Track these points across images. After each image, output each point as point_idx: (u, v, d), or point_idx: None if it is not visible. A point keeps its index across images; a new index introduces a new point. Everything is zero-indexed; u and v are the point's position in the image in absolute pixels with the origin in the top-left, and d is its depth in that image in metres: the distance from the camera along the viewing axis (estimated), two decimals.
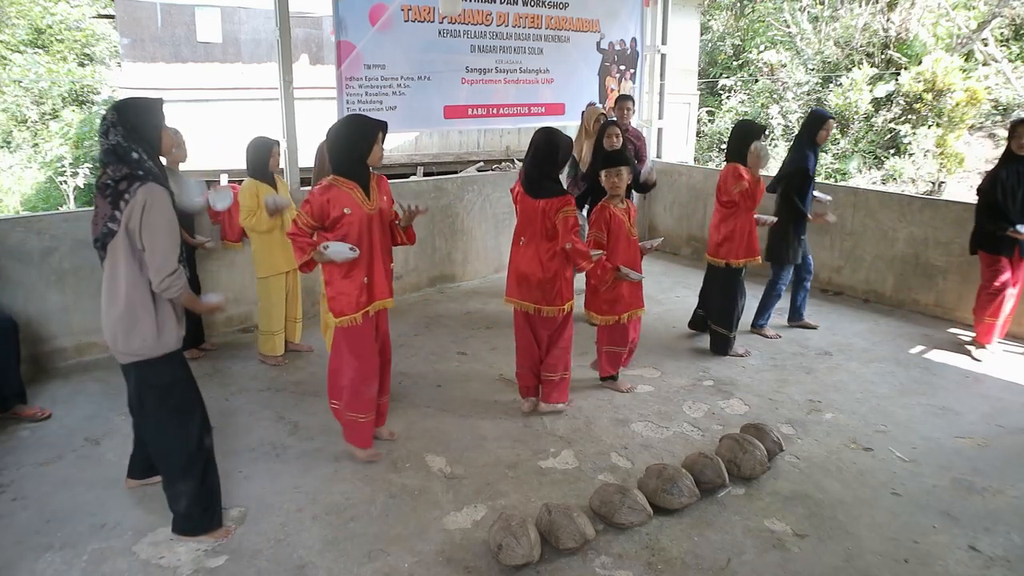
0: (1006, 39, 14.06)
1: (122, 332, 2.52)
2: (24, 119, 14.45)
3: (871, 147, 13.49)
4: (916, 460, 3.41)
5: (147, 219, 2.44)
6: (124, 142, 2.46)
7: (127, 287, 2.49)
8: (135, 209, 2.42)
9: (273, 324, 4.38)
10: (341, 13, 5.10)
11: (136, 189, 2.43)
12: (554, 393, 3.79)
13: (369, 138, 3.06)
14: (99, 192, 2.50)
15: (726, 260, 4.51)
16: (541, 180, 3.51)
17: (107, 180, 2.47)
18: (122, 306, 2.50)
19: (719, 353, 4.65)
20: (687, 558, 2.69)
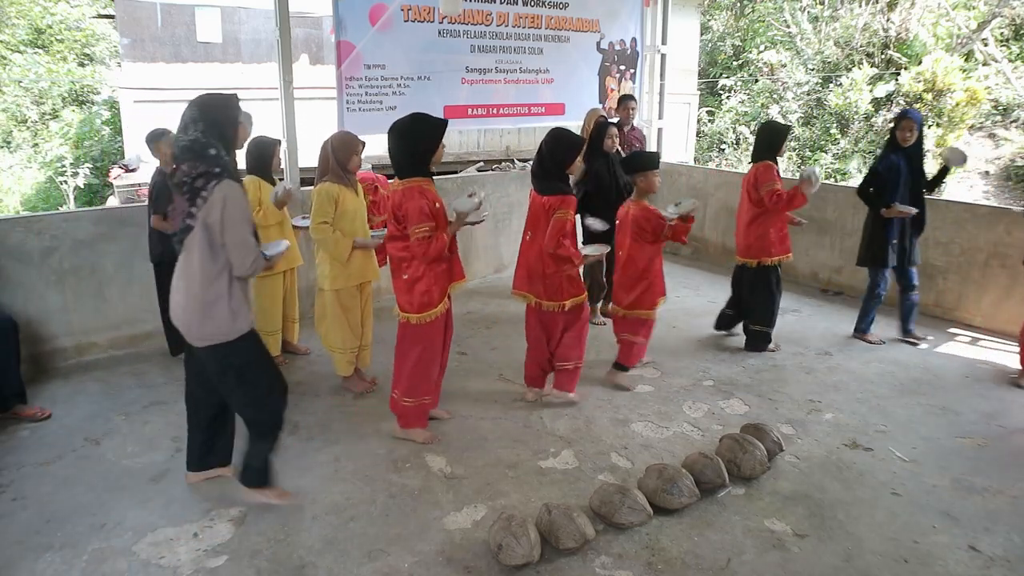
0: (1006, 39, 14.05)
1: (197, 319, 2.64)
2: (24, 119, 14.45)
3: (871, 147, 13.48)
4: (916, 460, 3.40)
5: (226, 216, 2.52)
6: (203, 137, 2.51)
7: (203, 278, 2.58)
8: (214, 207, 2.50)
9: (269, 324, 4.37)
10: (341, 13, 5.10)
11: (213, 187, 2.50)
12: (565, 382, 3.88)
13: (439, 136, 3.21)
14: (175, 189, 2.57)
15: (758, 259, 4.53)
16: (547, 178, 3.62)
17: (183, 177, 2.52)
18: (199, 296, 2.60)
19: (755, 350, 4.70)
20: (687, 558, 2.69)
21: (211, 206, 2.50)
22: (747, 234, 4.55)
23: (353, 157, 3.74)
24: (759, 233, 4.49)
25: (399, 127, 3.19)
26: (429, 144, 3.19)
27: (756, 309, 4.66)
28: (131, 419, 3.77)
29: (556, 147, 3.58)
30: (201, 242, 2.55)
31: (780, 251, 4.53)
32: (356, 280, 3.88)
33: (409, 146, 3.18)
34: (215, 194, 2.49)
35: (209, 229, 2.53)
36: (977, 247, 5.14)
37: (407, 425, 3.52)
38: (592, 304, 5.28)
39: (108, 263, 4.53)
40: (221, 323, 2.64)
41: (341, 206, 3.69)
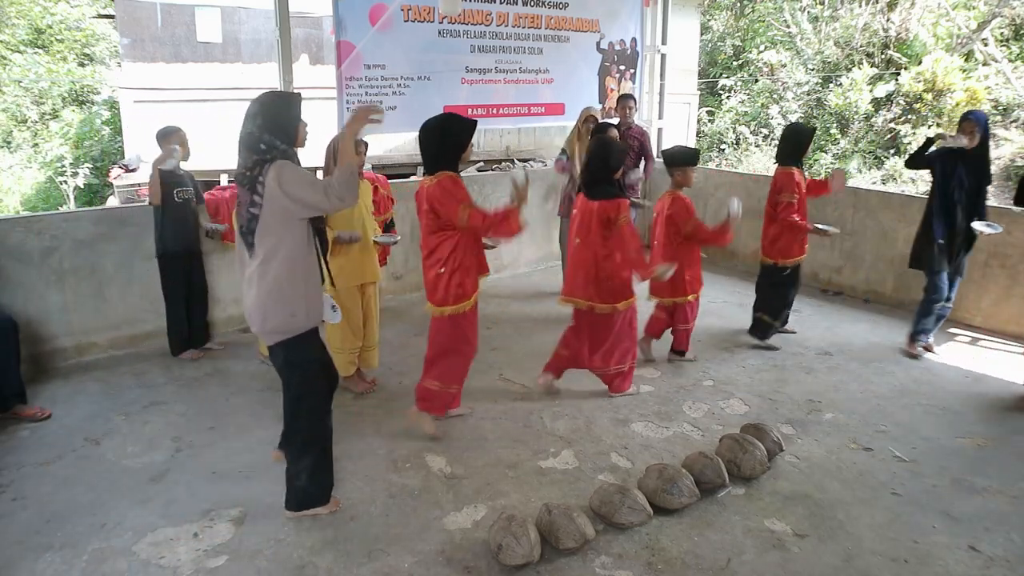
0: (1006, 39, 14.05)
1: (272, 311, 2.64)
2: (24, 119, 14.45)
3: (871, 147, 13.48)
4: (916, 460, 3.40)
5: (283, 179, 2.52)
6: (257, 132, 2.57)
7: (277, 268, 2.60)
8: (271, 185, 2.52)
9: None
10: (341, 13, 5.10)
11: (267, 170, 2.54)
12: (621, 383, 4.02)
13: (469, 134, 3.31)
14: (238, 184, 2.63)
15: (774, 260, 4.66)
16: (597, 183, 3.75)
17: (242, 170, 2.60)
18: (272, 286, 2.61)
19: (757, 336, 4.82)
20: (687, 558, 2.69)
21: (270, 189, 2.53)
22: (765, 235, 4.69)
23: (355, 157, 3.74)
24: (774, 236, 4.62)
25: (431, 125, 3.29)
26: (458, 141, 3.28)
27: (767, 300, 4.81)
28: (131, 419, 3.77)
29: (605, 154, 3.72)
30: (275, 228, 2.57)
31: (797, 253, 4.64)
32: (355, 280, 3.87)
33: (439, 143, 3.27)
34: (269, 176, 2.53)
35: (278, 210, 2.55)
36: (977, 247, 5.12)
37: (426, 408, 3.57)
38: None
39: (108, 263, 4.53)
40: (295, 313, 2.66)
41: None
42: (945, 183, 4.35)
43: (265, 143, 2.56)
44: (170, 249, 4.33)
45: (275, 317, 2.64)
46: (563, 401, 3.97)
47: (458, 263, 3.33)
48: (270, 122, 2.57)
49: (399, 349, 4.76)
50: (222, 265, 4.94)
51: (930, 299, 4.50)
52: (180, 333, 4.53)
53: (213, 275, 4.83)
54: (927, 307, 4.54)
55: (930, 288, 4.50)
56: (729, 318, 5.32)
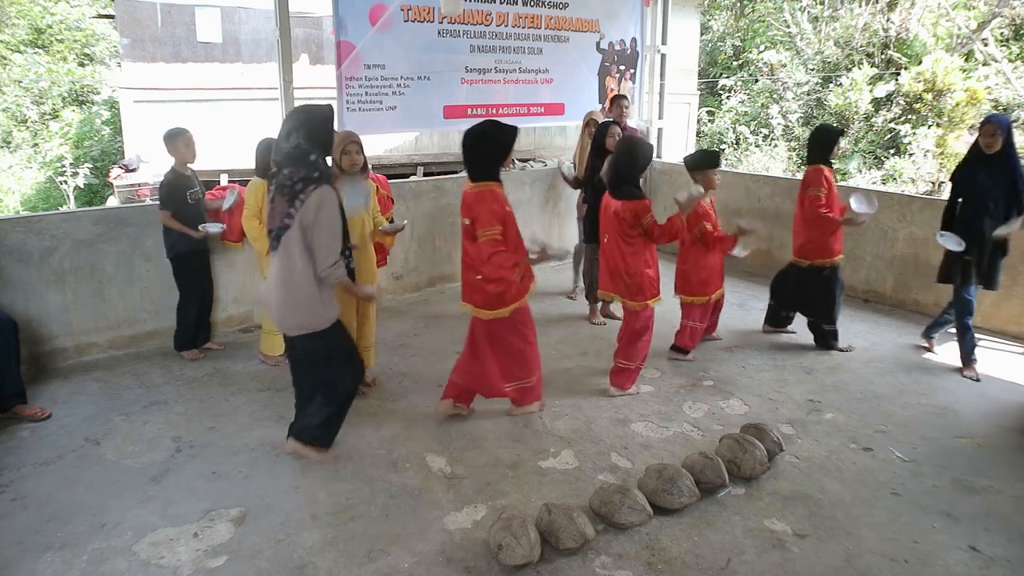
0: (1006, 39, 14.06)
1: (292, 309, 2.93)
2: (24, 119, 14.45)
3: (871, 147, 13.49)
4: (916, 460, 3.40)
5: (318, 219, 2.78)
6: (304, 144, 2.76)
7: (299, 273, 2.86)
8: (310, 209, 2.76)
9: (270, 323, 4.37)
10: (341, 13, 5.10)
11: (311, 191, 2.76)
12: (624, 380, 4.06)
13: (512, 141, 3.40)
14: (278, 190, 2.82)
15: (810, 260, 4.57)
16: (621, 184, 3.81)
17: (285, 180, 2.80)
18: (294, 288, 2.88)
19: (825, 348, 4.73)
20: (687, 558, 2.69)
21: (307, 208, 2.75)
22: (798, 235, 4.62)
23: (343, 157, 3.73)
24: (809, 235, 4.54)
25: (476, 132, 3.36)
26: (501, 148, 3.38)
27: (819, 309, 4.69)
28: (131, 419, 3.77)
29: (633, 153, 3.79)
30: (298, 240, 2.81)
31: (828, 254, 4.54)
32: None
33: (484, 151, 3.37)
34: (312, 198, 2.75)
35: (304, 229, 2.79)
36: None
37: (524, 403, 3.74)
38: (591, 304, 5.29)
39: (108, 263, 4.53)
40: (313, 313, 2.94)
41: None
42: (968, 193, 4.13)
43: (313, 156, 2.77)
44: (183, 249, 4.34)
45: (296, 315, 2.93)
46: (563, 401, 3.97)
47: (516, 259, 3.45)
48: (310, 135, 2.77)
49: (399, 349, 4.76)
50: (222, 265, 4.94)
51: (962, 318, 4.30)
52: (189, 331, 4.53)
53: (213, 275, 4.82)
54: (963, 327, 4.32)
55: (958, 304, 4.30)
56: (729, 318, 5.32)
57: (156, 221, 4.35)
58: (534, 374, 3.71)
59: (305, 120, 2.79)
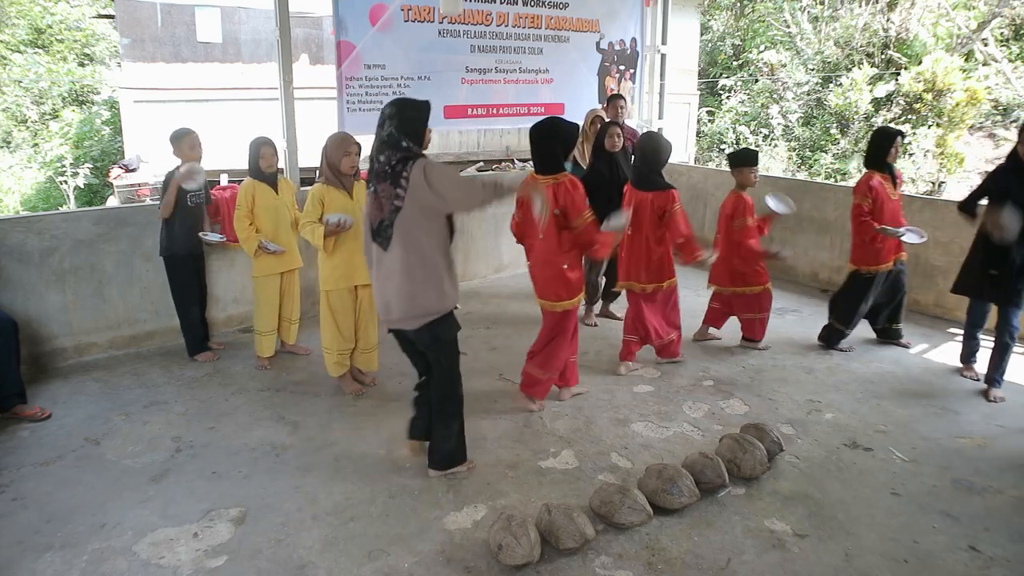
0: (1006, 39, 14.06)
1: (421, 295, 2.87)
2: (24, 119, 14.44)
3: None
4: (916, 460, 3.41)
5: (431, 178, 2.76)
6: (396, 132, 2.82)
7: (422, 255, 2.84)
8: (417, 180, 2.76)
9: (262, 324, 4.36)
10: (341, 13, 5.10)
11: (411, 166, 2.79)
12: (670, 349, 4.44)
13: (576, 137, 3.64)
14: (378, 179, 2.85)
15: (856, 266, 4.54)
16: (648, 175, 4.13)
17: (384, 167, 2.83)
18: (422, 272, 2.85)
19: (827, 344, 4.76)
20: (687, 558, 2.69)
21: (414, 181, 2.76)
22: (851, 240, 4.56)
23: (344, 159, 3.74)
24: (854, 241, 4.50)
25: (545, 128, 3.57)
26: (568, 143, 3.60)
27: (840, 309, 4.69)
28: (131, 419, 3.77)
29: (657, 148, 4.10)
30: (417, 219, 2.80)
31: (873, 262, 4.44)
32: (347, 283, 3.86)
33: (553, 145, 3.56)
34: (414, 171, 2.77)
35: (421, 202, 2.77)
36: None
37: (529, 391, 3.86)
38: (588, 305, 5.27)
39: (108, 263, 4.53)
40: (438, 300, 2.90)
41: (328, 206, 3.71)
42: (1000, 204, 3.80)
43: (405, 143, 2.83)
44: (179, 251, 4.29)
45: (424, 300, 2.87)
46: (563, 401, 3.97)
47: (576, 260, 3.68)
48: (404, 124, 2.84)
49: (399, 349, 4.74)
50: (221, 265, 4.94)
51: (969, 323, 4.25)
52: (196, 334, 4.52)
53: (212, 275, 4.83)
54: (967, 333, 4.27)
55: (968, 315, 4.24)
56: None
57: (156, 221, 4.34)
58: (555, 372, 3.83)
59: (400, 109, 2.87)
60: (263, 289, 4.32)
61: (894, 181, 4.43)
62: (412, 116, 2.87)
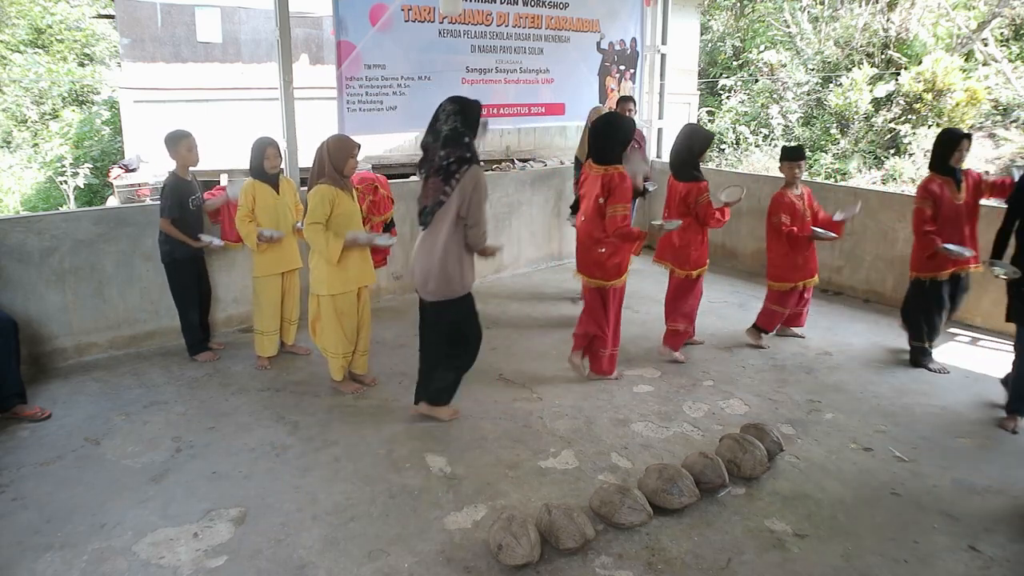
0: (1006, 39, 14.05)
1: (436, 277, 3.31)
2: (24, 119, 14.45)
3: (871, 147, 13.49)
4: (916, 460, 3.41)
5: (474, 196, 3.17)
6: (460, 128, 3.12)
7: (446, 244, 3.24)
8: (467, 187, 3.14)
9: (262, 324, 4.36)
10: (341, 13, 5.10)
11: (465, 171, 3.13)
12: (670, 339, 4.57)
13: (631, 133, 3.89)
14: (432, 171, 3.19)
15: (916, 273, 4.37)
16: (683, 167, 4.35)
17: (441, 161, 3.15)
18: (441, 258, 3.27)
19: (913, 365, 4.49)
20: (687, 558, 2.69)
21: (463, 187, 3.13)
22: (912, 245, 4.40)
23: (349, 160, 3.73)
24: (913, 246, 4.36)
25: (607, 123, 3.87)
26: (625, 138, 3.86)
27: (907, 318, 4.53)
28: (131, 419, 3.77)
29: (693, 141, 4.31)
30: (451, 215, 3.19)
31: (929, 269, 4.26)
32: (353, 285, 3.86)
33: (613, 138, 3.84)
34: (467, 177, 3.12)
35: (459, 205, 3.15)
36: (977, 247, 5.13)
37: (601, 371, 4.21)
38: None
39: (108, 263, 4.53)
40: (455, 283, 3.32)
41: (336, 208, 3.68)
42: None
43: (467, 139, 3.12)
44: (180, 255, 4.28)
45: (441, 280, 3.29)
46: (563, 401, 3.98)
47: (616, 245, 3.92)
48: (466, 120, 3.13)
49: (399, 349, 4.76)
50: (221, 266, 4.94)
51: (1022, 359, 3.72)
52: (196, 335, 4.51)
53: (212, 276, 4.82)
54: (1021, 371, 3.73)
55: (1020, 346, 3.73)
56: (729, 318, 5.33)
57: (156, 221, 4.33)
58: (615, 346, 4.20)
59: (462, 107, 3.13)
60: (264, 289, 4.31)
61: (958, 185, 4.17)
62: (473, 112, 3.17)
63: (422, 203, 3.30)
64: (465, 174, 3.11)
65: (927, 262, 4.27)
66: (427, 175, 3.23)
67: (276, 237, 4.16)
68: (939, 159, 4.23)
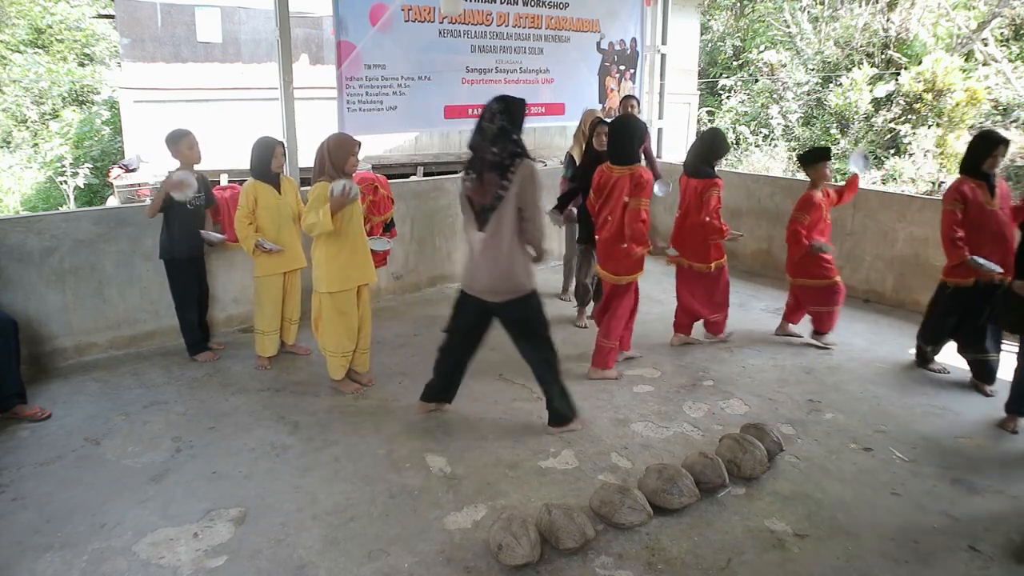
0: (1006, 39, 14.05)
1: (507, 274, 3.29)
2: (24, 119, 14.44)
3: (871, 147, 13.48)
4: (916, 460, 3.41)
5: (530, 189, 3.21)
6: (508, 126, 3.20)
7: (511, 239, 3.26)
8: (524, 180, 3.20)
9: (262, 324, 4.36)
10: (341, 13, 5.10)
11: (519, 164, 3.19)
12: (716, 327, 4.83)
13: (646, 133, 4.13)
14: (487, 167, 3.22)
15: (943, 276, 4.20)
16: (698, 165, 4.53)
17: (495, 158, 3.20)
18: (508, 254, 3.27)
19: (918, 364, 4.50)
20: (687, 558, 2.69)
21: (519, 181, 3.19)
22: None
23: (350, 159, 3.73)
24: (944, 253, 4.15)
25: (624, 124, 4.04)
26: (642, 139, 4.06)
27: (922, 322, 4.43)
28: (131, 419, 3.77)
29: (716, 145, 4.53)
30: (510, 210, 3.22)
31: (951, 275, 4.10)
32: (353, 283, 3.86)
33: (631, 139, 4.00)
34: (522, 170, 3.19)
35: (517, 198, 3.21)
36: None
37: (601, 365, 4.27)
38: (580, 308, 5.24)
39: (108, 263, 4.53)
40: (523, 275, 3.34)
41: None
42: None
43: (516, 136, 3.22)
44: (178, 255, 4.28)
45: (515, 279, 3.30)
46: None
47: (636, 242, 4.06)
48: (512, 118, 3.21)
49: (399, 349, 4.76)
50: (220, 265, 4.94)
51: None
52: (195, 335, 4.51)
53: (212, 276, 4.82)
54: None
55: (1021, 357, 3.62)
56: (729, 318, 5.32)
57: (156, 221, 4.33)
58: (615, 341, 4.25)
59: (508, 105, 3.22)
60: (266, 289, 4.32)
61: (992, 191, 4.03)
62: (519, 111, 3.26)
63: (479, 202, 3.27)
64: (519, 167, 3.19)
65: (953, 268, 4.10)
66: (479, 173, 3.25)
67: (275, 250, 4.16)
68: (972, 162, 4.06)
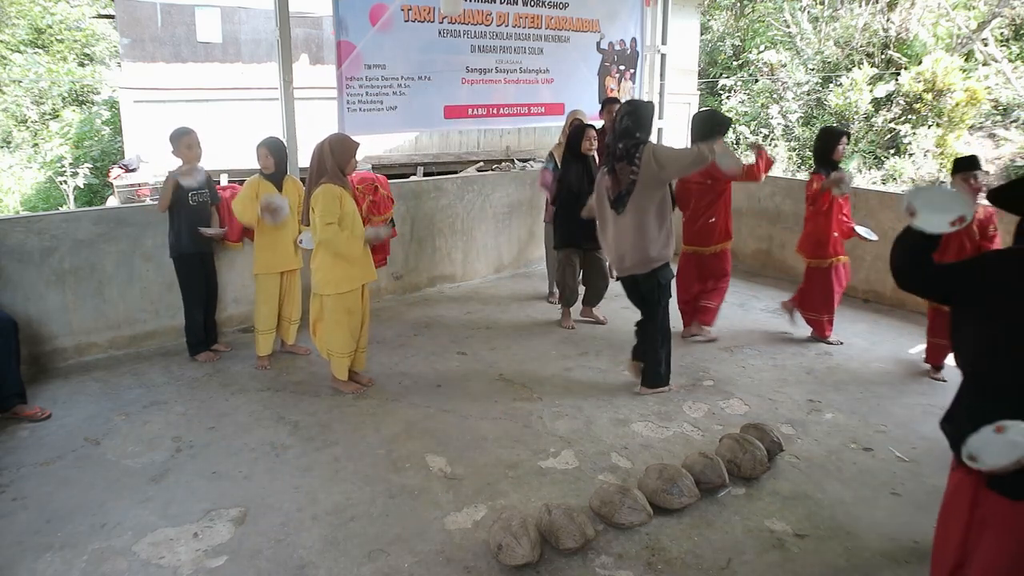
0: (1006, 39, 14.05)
1: (648, 248, 3.75)
2: (24, 119, 14.44)
3: (871, 147, 13.48)
4: (916, 460, 3.41)
5: (657, 154, 3.66)
6: (632, 125, 3.74)
7: (648, 218, 3.73)
8: (648, 157, 3.66)
9: (261, 323, 4.36)
10: (341, 13, 5.10)
11: (642, 148, 3.70)
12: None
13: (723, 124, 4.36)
14: (617, 160, 3.75)
15: None
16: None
17: (623, 151, 3.73)
18: (648, 231, 3.74)
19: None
20: (687, 558, 2.69)
21: (645, 160, 3.66)
22: None
23: (352, 160, 3.73)
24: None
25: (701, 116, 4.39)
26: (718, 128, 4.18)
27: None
28: (131, 419, 3.77)
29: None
30: (648, 191, 3.69)
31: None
32: (359, 282, 3.87)
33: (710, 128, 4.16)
34: (644, 152, 3.68)
35: (648, 176, 3.65)
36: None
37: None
38: (565, 309, 5.22)
39: (108, 263, 4.53)
40: (661, 250, 3.79)
41: (344, 208, 3.68)
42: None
43: (639, 133, 3.73)
44: (186, 251, 4.28)
45: (651, 252, 3.76)
46: (563, 401, 3.98)
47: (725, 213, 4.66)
48: (638, 119, 3.76)
49: (399, 349, 4.76)
50: (221, 265, 4.92)
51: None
52: (198, 335, 4.51)
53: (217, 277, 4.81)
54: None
55: None
56: (729, 318, 5.32)
57: (156, 221, 4.33)
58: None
59: (635, 109, 3.78)
60: (264, 287, 4.32)
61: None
62: (646, 113, 3.81)
63: (615, 190, 3.78)
64: (643, 150, 3.67)
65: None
66: (612, 166, 3.77)
67: (279, 203, 4.10)
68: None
